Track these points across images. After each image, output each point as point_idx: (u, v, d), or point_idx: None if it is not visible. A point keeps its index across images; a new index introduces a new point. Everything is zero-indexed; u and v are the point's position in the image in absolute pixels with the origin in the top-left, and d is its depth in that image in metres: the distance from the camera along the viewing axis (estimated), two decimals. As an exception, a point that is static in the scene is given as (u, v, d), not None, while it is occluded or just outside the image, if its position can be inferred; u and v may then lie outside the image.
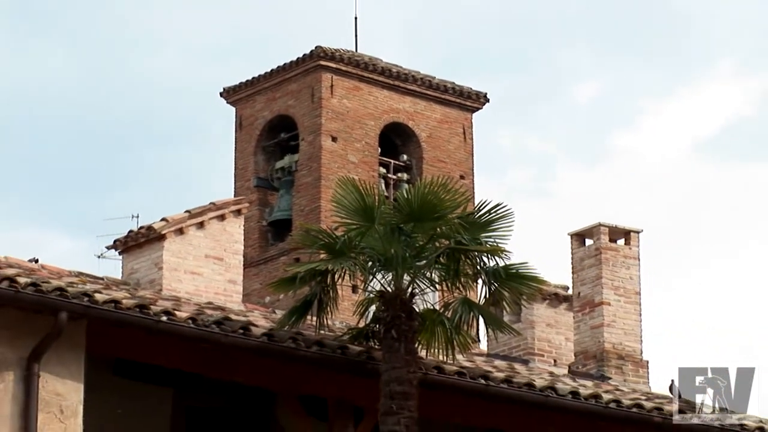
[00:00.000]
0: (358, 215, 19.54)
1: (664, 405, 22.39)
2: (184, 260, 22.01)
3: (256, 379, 19.64)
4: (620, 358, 24.76)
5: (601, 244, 25.20)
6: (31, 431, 17.50)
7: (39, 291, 17.73)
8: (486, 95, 41.10)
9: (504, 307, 20.44)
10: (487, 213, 19.62)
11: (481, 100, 40.95)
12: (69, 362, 17.96)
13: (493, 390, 20.51)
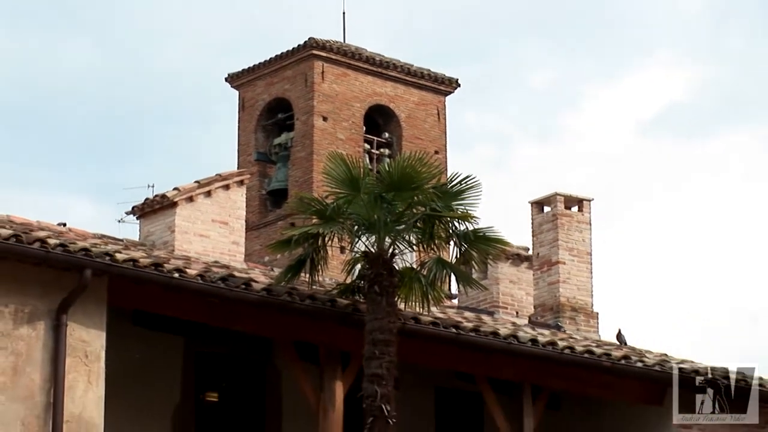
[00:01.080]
0: (346, 185, 19.55)
1: (612, 351, 22.43)
2: (194, 224, 22.01)
3: (256, 328, 19.66)
4: (573, 311, 24.83)
5: (558, 211, 25.27)
6: (59, 373, 17.52)
7: (66, 251, 17.73)
8: (457, 81, 41.11)
9: (473, 266, 20.49)
10: (458, 184, 19.64)
11: (452, 85, 40.97)
12: (93, 313, 17.96)
13: (463, 338, 20.56)
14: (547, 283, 25.05)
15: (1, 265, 17.44)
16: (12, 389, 17.32)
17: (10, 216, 19.84)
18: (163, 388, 20.49)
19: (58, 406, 17.44)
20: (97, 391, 17.82)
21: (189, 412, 20.80)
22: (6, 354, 17.35)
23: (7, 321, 17.43)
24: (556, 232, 25.17)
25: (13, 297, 17.52)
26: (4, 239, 17.36)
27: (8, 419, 17.19)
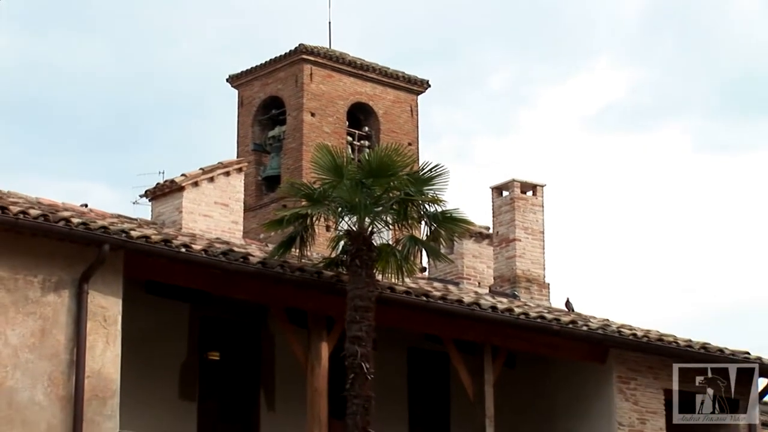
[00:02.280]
0: (331, 172, 19.54)
1: (561, 316, 22.48)
2: (198, 206, 21.98)
3: (253, 296, 19.65)
4: (528, 281, 24.84)
5: (515, 195, 25.28)
6: (81, 335, 17.52)
7: (87, 228, 17.72)
8: (428, 82, 41.10)
9: (441, 242, 20.46)
10: (428, 171, 19.63)
11: (424, 86, 40.96)
12: (110, 283, 17.94)
13: (432, 305, 20.59)
14: (505, 257, 25.07)
15: (31, 240, 17.44)
16: (40, 349, 17.32)
17: (39, 198, 19.83)
18: (171, 348, 20.48)
19: (80, 363, 17.45)
20: (114, 350, 17.81)
21: (194, 369, 20.78)
22: (35, 318, 17.34)
23: (36, 289, 17.41)
24: (513, 214, 25.18)
25: (41, 268, 17.51)
26: (34, 218, 17.36)
27: (37, 374, 17.20)
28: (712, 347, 23.30)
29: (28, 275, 17.40)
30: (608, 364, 22.34)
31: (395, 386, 22.21)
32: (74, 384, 17.36)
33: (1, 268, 17.20)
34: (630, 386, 22.38)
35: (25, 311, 17.30)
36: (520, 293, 24.40)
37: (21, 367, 17.12)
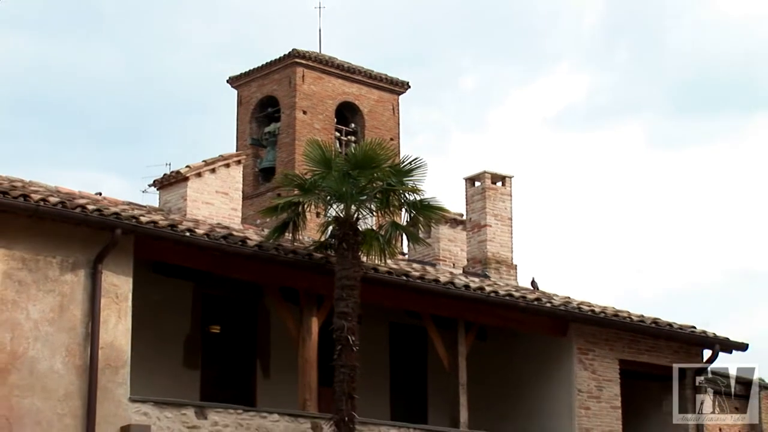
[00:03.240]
0: (321, 164, 19.51)
1: (527, 294, 22.52)
2: (201, 194, 21.92)
3: (250, 276, 19.63)
4: (497, 263, 24.84)
5: (486, 185, 25.28)
6: (96, 310, 17.51)
7: (101, 214, 17.70)
8: (408, 83, 41.10)
9: (420, 228, 20.46)
10: (408, 164, 19.61)
11: (404, 87, 40.95)
12: (122, 263, 17.92)
13: (411, 284, 20.60)
14: (477, 241, 25.08)
15: (50, 225, 17.41)
16: (59, 322, 17.31)
17: (58, 187, 19.79)
18: (176, 322, 20.48)
19: (94, 335, 17.45)
20: (125, 324, 17.80)
21: (197, 341, 20.80)
22: (54, 295, 17.33)
23: (54, 269, 17.40)
24: (485, 202, 25.19)
25: (60, 250, 17.49)
26: (53, 205, 17.35)
27: (56, 346, 17.19)
28: (662, 322, 23.39)
29: (48, 256, 17.38)
30: (569, 337, 22.40)
31: (378, 357, 22.24)
32: (89, 354, 17.35)
33: (23, 250, 17.18)
34: (588, 357, 22.44)
35: (45, 289, 17.29)
36: (490, 273, 24.41)
37: (41, 339, 17.11)
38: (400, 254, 24.48)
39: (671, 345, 23.51)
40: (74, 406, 17.12)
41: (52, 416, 16.95)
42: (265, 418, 18.95)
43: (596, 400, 22.32)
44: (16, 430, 16.65)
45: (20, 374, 16.84)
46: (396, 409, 22.39)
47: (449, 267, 24.27)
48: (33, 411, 16.82)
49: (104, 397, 17.34)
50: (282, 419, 19.05)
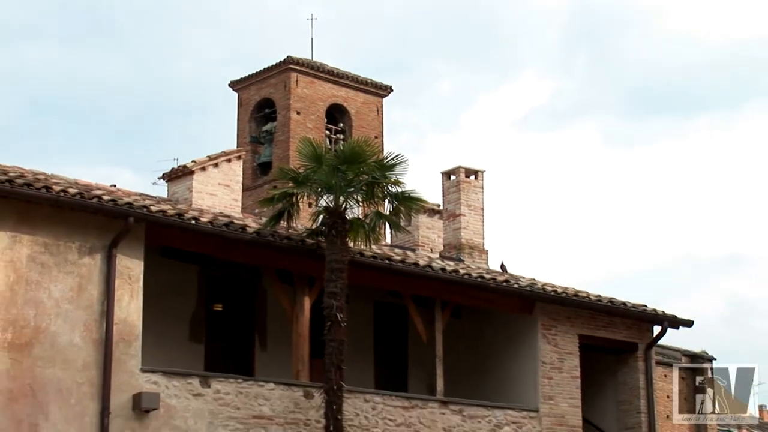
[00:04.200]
0: (312, 160, 19.50)
1: (497, 276, 22.56)
2: (205, 186, 21.88)
3: (249, 259, 19.62)
4: (470, 248, 24.87)
5: (460, 179, 25.30)
6: (111, 290, 17.49)
7: (116, 204, 17.68)
8: (391, 87, 41.11)
9: (401, 217, 20.47)
10: (391, 160, 19.59)
11: (387, 90, 40.94)
12: (134, 248, 17.90)
13: (394, 267, 20.62)
14: (452, 229, 25.10)
15: (70, 213, 17.38)
16: (77, 301, 17.29)
17: (76, 180, 19.76)
18: (183, 301, 20.47)
19: (109, 312, 17.43)
20: (137, 302, 17.79)
21: (201, 318, 20.77)
22: (73, 276, 17.30)
23: (74, 253, 17.37)
24: (459, 194, 25.20)
25: (78, 236, 17.46)
26: (72, 195, 17.32)
27: (74, 322, 17.17)
28: (617, 301, 23.46)
29: (68, 241, 17.35)
30: (534, 315, 22.45)
31: (364, 332, 22.27)
32: (105, 329, 17.34)
33: (45, 235, 17.15)
34: (551, 332, 22.50)
35: (65, 270, 17.26)
36: (464, 258, 24.45)
37: (62, 316, 17.09)
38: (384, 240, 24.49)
39: (625, 321, 23.59)
40: (91, 375, 17.12)
41: (71, 384, 16.95)
42: (263, 386, 18.96)
43: (558, 370, 22.39)
44: (40, 397, 16.65)
45: (43, 347, 16.84)
46: (379, 379, 22.42)
47: (427, 252, 24.29)
48: (54, 380, 16.82)
49: (118, 367, 17.33)
50: (277, 388, 19.07)
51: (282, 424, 18.92)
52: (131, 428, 17.38)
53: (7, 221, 16.87)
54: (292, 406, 19.08)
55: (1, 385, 16.38)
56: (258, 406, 18.76)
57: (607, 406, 23.86)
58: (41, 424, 16.58)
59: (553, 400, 22.18)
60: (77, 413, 16.91)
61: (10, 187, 16.76)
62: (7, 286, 16.74)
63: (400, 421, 20.30)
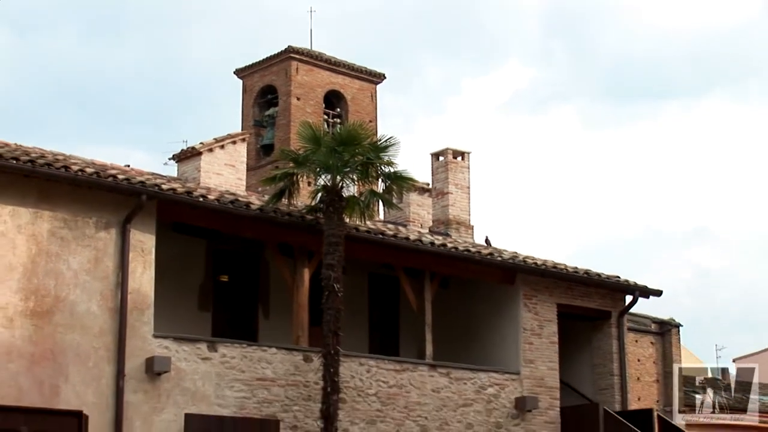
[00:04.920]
0: (311, 142, 19.48)
1: (482, 249, 22.56)
2: (212, 166, 21.84)
3: (254, 234, 19.61)
4: (457, 224, 24.85)
5: (448, 159, 25.24)
6: (125, 262, 17.50)
7: (130, 183, 17.67)
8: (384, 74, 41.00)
9: (393, 195, 20.47)
10: (384, 142, 19.60)
11: (381, 77, 40.82)
12: (147, 223, 17.89)
13: (387, 241, 20.62)
14: (440, 206, 25.07)
15: (87, 191, 17.37)
16: (94, 272, 17.29)
17: (93, 160, 19.70)
18: (192, 272, 20.46)
19: (124, 283, 17.45)
20: (149, 273, 17.79)
21: (209, 288, 20.76)
22: (90, 249, 17.31)
23: (91, 228, 17.37)
24: (447, 173, 25.14)
25: (95, 212, 17.45)
26: (89, 174, 17.31)
27: (92, 291, 17.19)
28: (592, 272, 23.48)
29: (85, 217, 17.33)
30: (516, 285, 22.46)
31: (359, 301, 22.27)
32: (120, 298, 17.35)
33: (65, 212, 17.14)
34: (532, 301, 22.52)
35: (83, 244, 17.25)
36: (451, 233, 24.45)
37: (80, 286, 17.10)
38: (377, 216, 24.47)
39: (599, 291, 23.62)
40: (107, 341, 17.14)
41: (89, 349, 16.97)
42: (265, 351, 18.99)
43: (538, 336, 22.41)
44: (60, 360, 16.67)
45: (63, 315, 16.85)
46: (373, 344, 22.44)
47: (418, 227, 24.29)
48: (73, 345, 16.84)
49: (132, 333, 17.35)
50: (279, 352, 19.10)
51: (283, 385, 18.95)
52: (144, 390, 17.41)
53: (29, 198, 16.85)
54: (293, 369, 19.11)
55: (25, 350, 16.40)
56: (261, 369, 18.79)
57: (582, 369, 23.90)
58: (61, 386, 16.61)
59: (533, 363, 22.22)
60: (94, 375, 16.94)
61: (32, 166, 16.74)
62: (29, 258, 16.74)
63: (392, 383, 20.34)
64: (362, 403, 19.88)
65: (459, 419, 21.05)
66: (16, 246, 16.66)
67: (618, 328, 23.76)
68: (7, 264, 16.54)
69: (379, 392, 20.13)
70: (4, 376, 16.17)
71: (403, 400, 20.39)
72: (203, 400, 17.99)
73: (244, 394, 18.48)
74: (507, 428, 21.67)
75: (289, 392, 18.96)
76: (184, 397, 17.78)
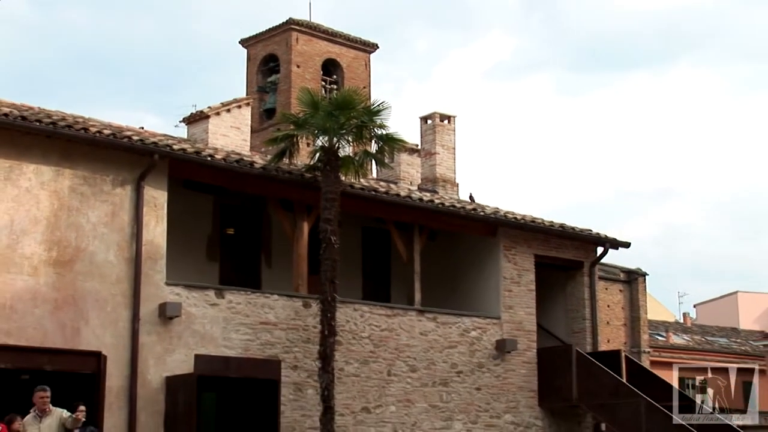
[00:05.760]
0: (310, 106, 19.41)
1: (466, 205, 22.59)
2: (219, 128, 21.84)
3: (257, 190, 19.59)
4: (444, 182, 24.89)
5: (435, 123, 25.25)
6: (139, 216, 17.48)
7: (144, 143, 17.62)
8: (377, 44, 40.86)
9: (385, 155, 20.45)
10: (377, 106, 19.50)
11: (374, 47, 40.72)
12: (159, 180, 17.85)
13: (379, 197, 20.63)
14: (428, 165, 25.09)
15: (105, 151, 17.34)
16: (111, 225, 17.29)
17: (110, 122, 19.64)
18: (200, 225, 20.46)
19: (139, 235, 17.45)
20: (162, 226, 17.78)
21: (216, 240, 20.79)
22: (108, 204, 17.30)
23: (108, 184, 17.35)
24: (434, 135, 25.16)
25: (112, 170, 17.43)
26: (107, 135, 17.28)
27: (109, 243, 17.19)
28: (567, 226, 23.52)
29: (103, 175, 17.30)
30: (497, 238, 22.52)
31: (353, 252, 22.32)
32: (135, 249, 17.36)
33: (84, 170, 17.11)
34: (511, 252, 22.59)
35: (101, 199, 17.23)
36: (438, 189, 24.48)
37: (99, 238, 17.10)
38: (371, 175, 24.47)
39: (573, 243, 23.69)
40: (124, 287, 17.17)
41: (107, 295, 17.01)
42: (268, 297, 19.04)
43: (516, 284, 22.51)
44: (81, 305, 16.71)
45: (83, 264, 16.86)
46: (366, 291, 22.51)
47: (407, 184, 24.31)
48: (93, 291, 16.87)
49: (146, 281, 17.38)
50: (281, 299, 19.15)
51: (284, 329, 19.03)
52: (157, 332, 17.47)
53: (51, 157, 16.82)
54: (293, 314, 19.18)
55: (49, 296, 16.44)
56: (264, 314, 18.85)
57: (557, 314, 24.03)
58: (82, 328, 16.66)
59: (513, 309, 22.33)
60: (112, 319, 16.99)
61: (54, 128, 16.70)
62: (52, 213, 16.73)
63: (383, 327, 20.43)
64: (356, 345, 19.98)
65: (444, 360, 21.17)
66: (39, 201, 16.64)
67: (590, 277, 23.86)
68: (32, 217, 16.54)
69: (371, 335, 20.22)
70: (30, 320, 16.21)
71: (394, 342, 20.49)
72: (211, 342, 18.05)
73: (249, 337, 18.55)
74: (488, 368, 21.81)
75: (290, 335, 19.04)
76: (194, 339, 17.85)
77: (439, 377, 20.97)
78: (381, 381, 20.12)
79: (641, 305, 32.13)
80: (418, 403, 20.58)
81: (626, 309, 31.93)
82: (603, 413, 21.67)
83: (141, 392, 17.02)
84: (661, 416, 20.26)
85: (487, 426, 21.56)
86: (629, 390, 21.01)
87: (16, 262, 16.26)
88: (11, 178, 16.46)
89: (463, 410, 21.21)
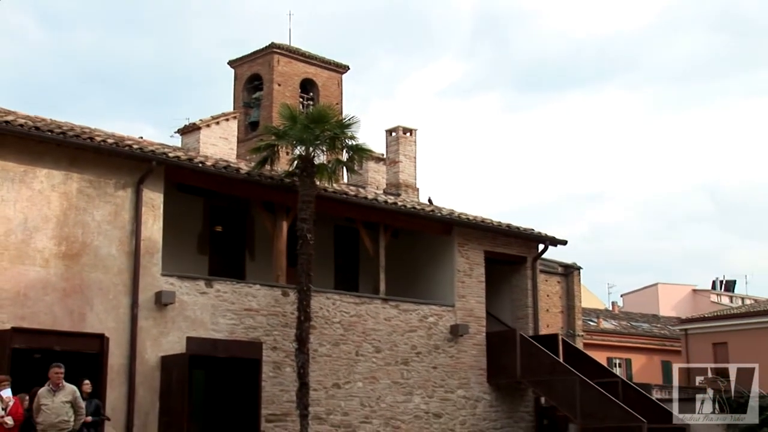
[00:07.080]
0: (289, 120, 19.40)
1: (425, 207, 22.62)
2: (209, 138, 21.77)
3: (242, 193, 19.57)
4: (406, 187, 24.96)
5: (399, 135, 25.32)
6: (139, 215, 17.41)
7: (143, 151, 17.53)
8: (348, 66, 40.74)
9: (355, 163, 20.48)
10: (348, 120, 19.53)
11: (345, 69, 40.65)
12: (156, 183, 17.78)
13: (350, 199, 20.65)
14: (393, 172, 25.14)
15: (108, 157, 17.24)
16: (114, 223, 17.20)
17: (113, 132, 19.55)
18: (192, 223, 20.41)
19: (138, 232, 17.37)
20: (158, 224, 17.72)
21: (206, 236, 20.74)
22: (110, 204, 17.20)
23: (111, 187, 17.26)
24: (398, 146, 25.23)
25: (114, 175, 17.34)
26: (110, 144, 17.18)
27: (112, 238, 17.11)
28: (513, 226, 23.64)
29: (106, 178, 17.22)
30: (452, 236, 22.61)
31: (326, 248, 22.35)
32: (134, 244, 17.29)
33: (90, 174, 17.03)
34: (465, 248, 22.69)
35: (104, 200, 17.15)
36: (401, 193, 24.54)
37: (103, 234, 17.02)
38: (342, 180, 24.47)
39: (518, 241, 23.82)
40: (124, 278, 17.10)
41: (109, 285, 16.93)
42: (251, 287, 19.02)
43: (468, 277, 22.61)
44: (86, 293, 16.63)
45: (89, 257, 16.78)
46: (338, 282, 22.55)
47: (374, 189, 24.35)
48: (97, 281, 16.79)
49: (144, 272, 17.31)
50: (262, 288, 19.14)
51: (266, 315, 19.02)
52: (154, 317, 17.42)
53: (61, 163, 16.73)
54: (273, 302, 19.18)
55: (58, 285, 16.35)
56: (248, 301, 18.83)
57: (503, 302, 24.17)
58: (87, 314, 16.58)
59: (465, 298, 22.43)
60: (114, 306, 16.92)
61: (64, 137, 16.62)
62: (61, 212, 16.64)
63: (352, 313, 20.47)
64: (328, 329, 20.00)
65: (405, 342, 21.25)
66: (50, 201, 16.55)
67: (532, 270, 24.02)
68: (43, 216, 16.45)
69: (342, 320, 20.26)
70: (42, 306, 16.12)
71: (361, 327, 20.54)
72: (201, 326, 18.02)
73: (234, 322, 18.53)
74: (443, 349, 21.91)
75: (270, 320, 19.04)
76: (186, 323, 17.81)
77: (400, 357, 21.05)
78: (350, 360, 20.16)
79: (576, 295, 32.37)
80: (382, 379, 20.64)
81: (563, 298, 32.17)
82: (542, 388, 21.84)
83: (139, 370, 16.98)
84: (593, 392, 20.48)
85: (442, 399, 21.66)
86: (565, 368, 21.21)
87: (30, 255, 16.17)
88: (25, 181, 16.36)
89: (422, 386, 21.30)
